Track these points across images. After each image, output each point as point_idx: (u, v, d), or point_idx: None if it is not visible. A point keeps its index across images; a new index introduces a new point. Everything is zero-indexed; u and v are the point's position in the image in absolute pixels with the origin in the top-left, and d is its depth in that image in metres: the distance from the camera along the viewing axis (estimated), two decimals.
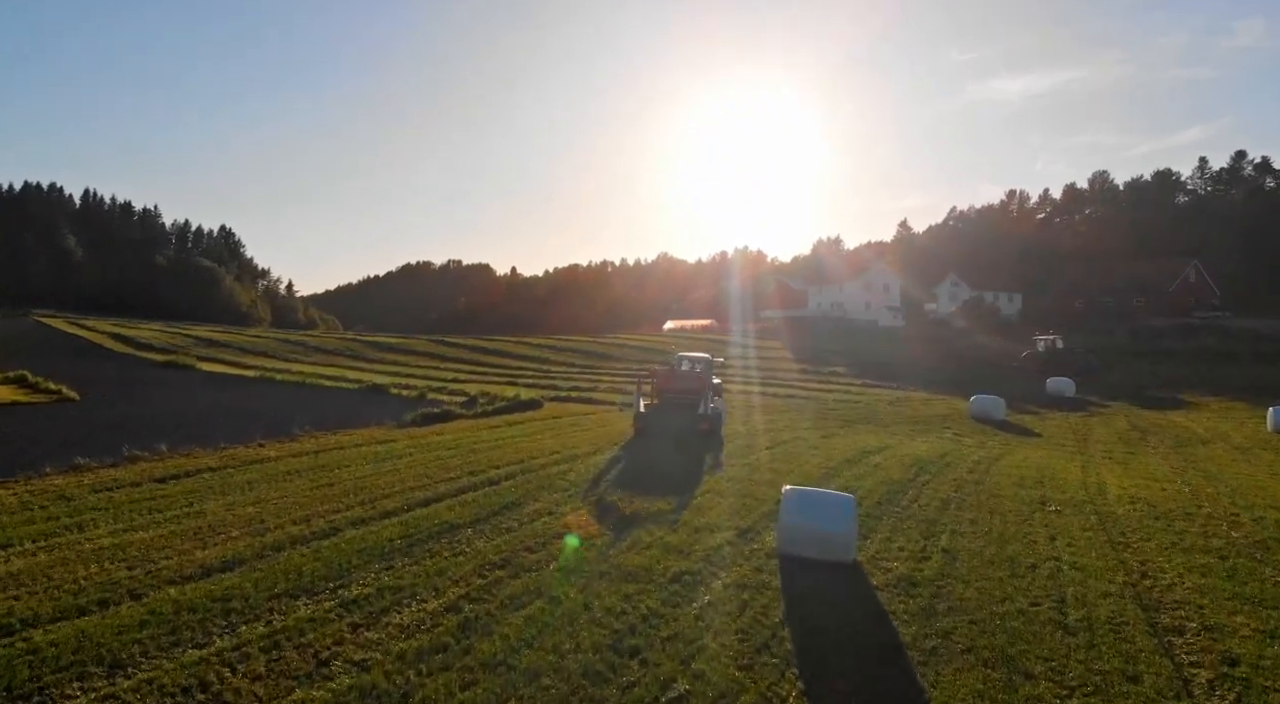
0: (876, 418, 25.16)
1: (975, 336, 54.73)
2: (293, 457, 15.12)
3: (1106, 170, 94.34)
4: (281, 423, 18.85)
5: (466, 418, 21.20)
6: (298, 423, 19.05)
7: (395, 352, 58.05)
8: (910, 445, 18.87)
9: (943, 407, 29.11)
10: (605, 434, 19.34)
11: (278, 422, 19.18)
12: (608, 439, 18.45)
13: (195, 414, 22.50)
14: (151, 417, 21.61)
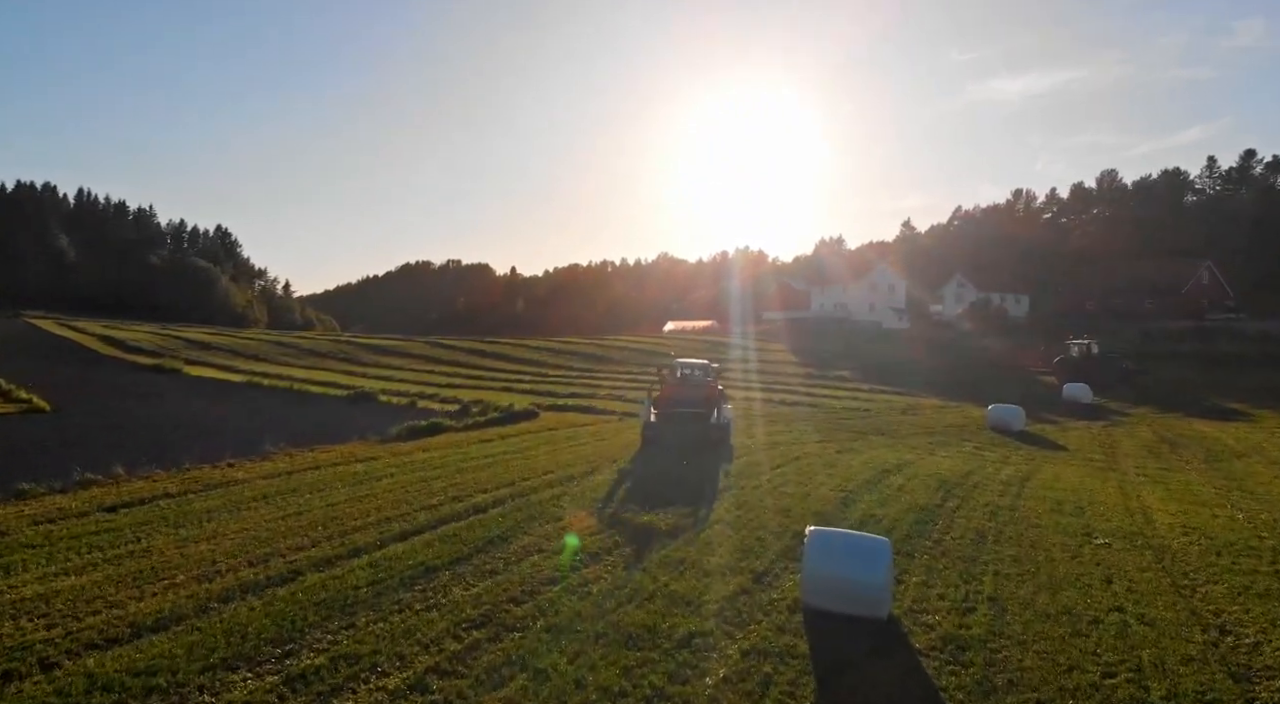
0: (889, 428, 23.91)
1: (984, 339, 53.45)
2: (263, 479, 13.87)
3: (1115, 169, 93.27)
4: (260, 436, 17.62)
5: (456, 430, 19.95)
6: (280, 435, 17.87)
7: (390, 354, 56.79)
8: (931, 462, 17.61)
9: (957, 415, 27.87)
10: (603, 450, 18.09)
11: (256, 435, 17.96)
12: (605, 455, 17.20)
13: (170, 426, 21.27)
14: (123, 429, 20.38)
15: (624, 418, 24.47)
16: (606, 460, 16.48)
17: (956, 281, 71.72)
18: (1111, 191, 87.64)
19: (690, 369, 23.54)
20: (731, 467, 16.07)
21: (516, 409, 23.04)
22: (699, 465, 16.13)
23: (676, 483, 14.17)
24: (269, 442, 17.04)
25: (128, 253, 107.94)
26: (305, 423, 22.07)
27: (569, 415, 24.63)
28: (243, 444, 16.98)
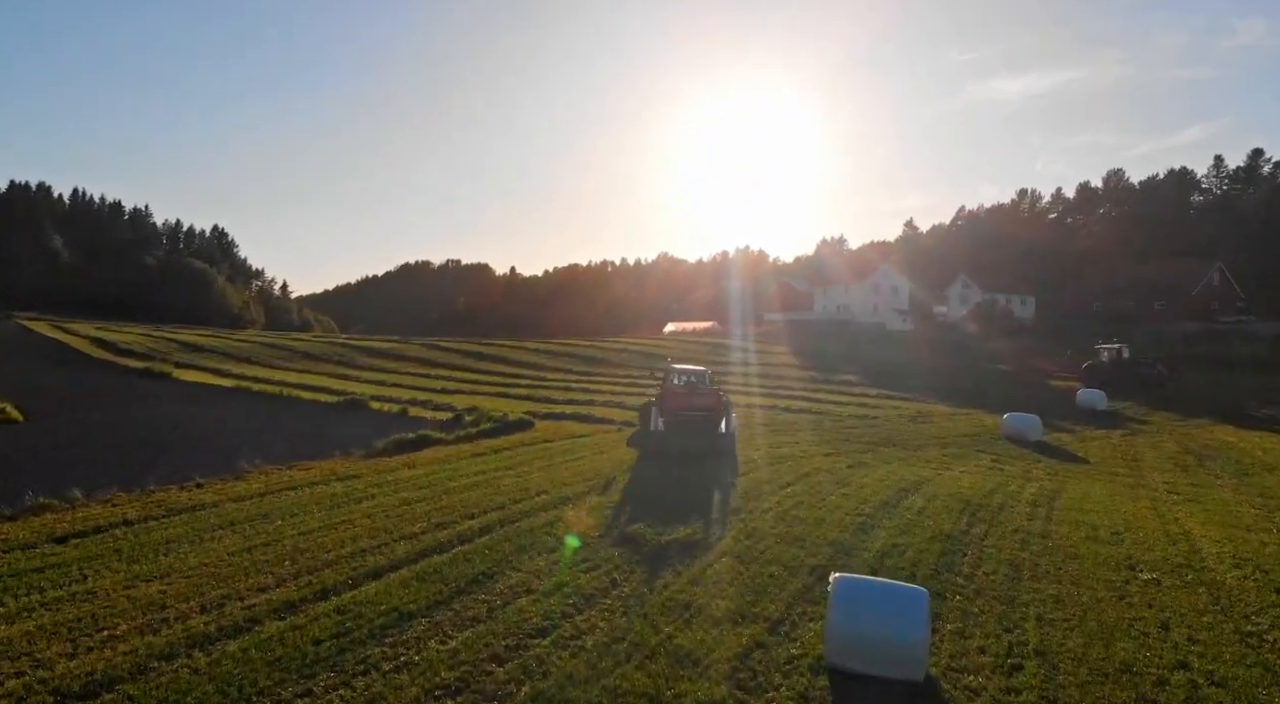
0: (900, 439, 22.89)
1: (990, 342, 52.40)
2: (233, 502, 12.85)
3: (1121, 168, 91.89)
4: (238, 450, 16.63)
5: (446, 443, 18.92)
6: (260, 448, 16.91)
7: (385, 357, 55.77)
8: (949, 479, 16.59)
9: (969, 424, 26.85)
10: (600, 465, 17.07)
11: (235, 448, 16.97)
12: (602, 471, 16.18)
13: (146, 438, 20.25)
14: (95, 442, 19.37)
15: (623, 428, 23.46)
16: (603, 478, 15.46)
17: (961, 282, 70.60)
18: (1118, 191, 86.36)
19: (687, 376, 22.71)
20: (737, 484, 15.05)
21: (510, 419, 22.01)
22: (702, 484, 15.13)
23: (679, 505, 13.16)
24: (247, 457, 16.04)
25: (123, 253, 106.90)
26: (289, 433, 21.05)
27: (566, 425, 23.60)
28: (219, 459, 15.97)
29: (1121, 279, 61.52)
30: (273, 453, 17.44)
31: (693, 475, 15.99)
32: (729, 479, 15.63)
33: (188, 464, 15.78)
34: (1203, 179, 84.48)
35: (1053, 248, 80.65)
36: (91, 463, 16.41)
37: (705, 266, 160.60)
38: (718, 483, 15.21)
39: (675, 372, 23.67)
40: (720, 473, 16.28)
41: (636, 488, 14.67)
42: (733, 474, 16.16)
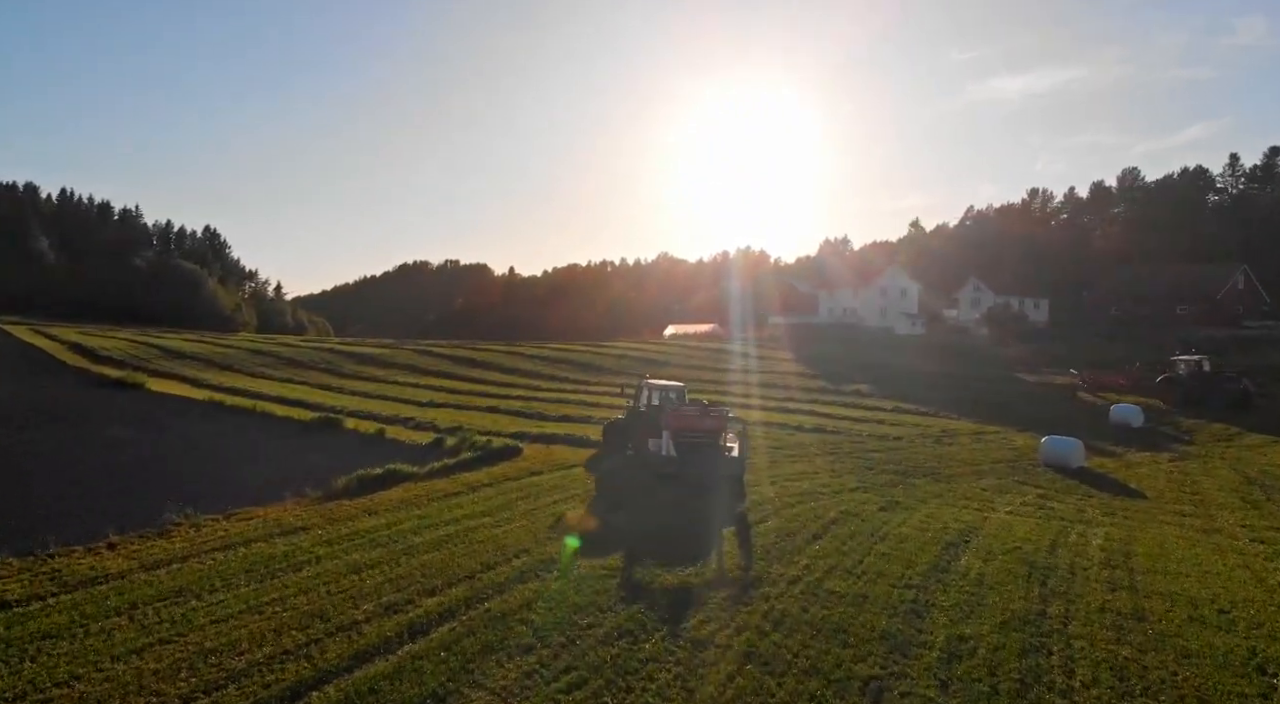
0: (929, 466, 20.62)
1: (1006, 348, 50.08)
2: (144, 572, 10.58)
3: (1136, 167, 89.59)
4: (181, 487, 14.46)
5: (419, 478, 16.63)
6: (211, 482, 14.80)
7: (374, 364, 53.46)
8: (999, 524, 14.31)
9: (1000, 445, 24.58)
10: (589, 510, 14.79)
11: (177, 486, 14.81)
12: (594, 520, 13.91)
13: (84, 471, 18.00)
14: (17, 476, 17.10)
15: (613, 452, 21.11)
16: (595, 528, 13.18)
17: (972, 285, 68.20)
18: (1133, 191, 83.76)
19: (663, 392, 20.86)
20: (753, 538, 12.76)
21: (495, 446, 19.69)
22: (708, 535, 12.84)
23: (682, 568, 10.91)
24: (189, 496, 13.85)
25: (112, 255, 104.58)
26: (245, 464, 18.81)
27: (556, 451, 21.32)
28: (153, 502, 13.73)
29: (1141, 283, 59.08)
30: (222, 490, 15.24)
31: (694, 521, 13.74)
32: (741, 528, 13.35)
33: (115, 510, 13.59)
34: (1218, 178, 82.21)
35: (1066, 249, 78.16)
36: (16, 504, 14.22)
37: (705, 267, 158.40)
38: (727, 534, 12.94)
39: (649, 388, 21.77)
40: (729, 517, 14.02)
41: (627, 538, 12.40)
42: (744, 520, 13.89)
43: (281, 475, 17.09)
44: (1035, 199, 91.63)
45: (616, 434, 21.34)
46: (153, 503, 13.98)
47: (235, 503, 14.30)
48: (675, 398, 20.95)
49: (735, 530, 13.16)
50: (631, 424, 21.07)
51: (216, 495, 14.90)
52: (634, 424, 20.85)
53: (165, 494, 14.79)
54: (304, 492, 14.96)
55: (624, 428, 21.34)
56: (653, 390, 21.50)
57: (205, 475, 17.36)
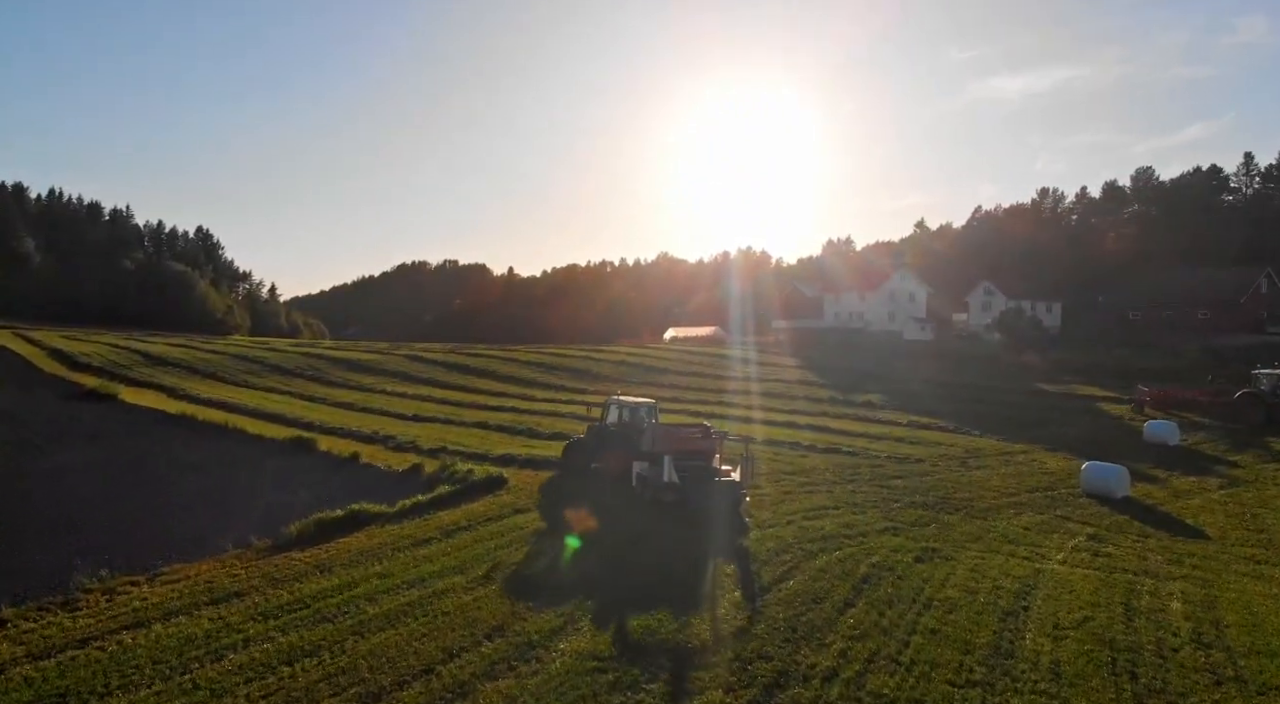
0: (961, 496, 18.59)
1: (1021, 355, 48.02)
2: (29, 661, 8.59)
3: (1151, 166, 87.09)
4: (111, 533, 12.48)
5: (387, 519, 14.60)
6: (155, 522, 13.01)
7: (363, 371, 51.44)
8: (1057, 579, 12.31)
9: (1031, 469, 22.56)
10: (585, 565, 12.78)
11: (106, 532, 12.82)
12: (585, 583, 11.90)
13: (18, 508, 15.98)
14: None
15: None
16: (584, 592, 11.16)
17: (984, 288, 65.98)
18: (1148, 191, 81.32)
19: (633, 410, 19.41)
20: (764, 608, 10.70)
21: (476, 477, 17.63)
22: (720, 598, 10.83)
23: (696, 663, 8.89)
24: (120, 544, 11.93)
25: (101, 257, 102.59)
26: (196, 500, 16.79)
27: (546, 478, 19.28)
28: (73, 554, 11.76)
29: (1159, 286, 56.85)
30: (161, 536, 13.28)
31: (696, 571, 11.75)
32: (758, 587, 11.34)
33: (22, 568, 11.61)
34: (1232, 177, 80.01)
35: (1078, 251, 75.82)
36: None
37: (706, 268, 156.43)
38: (736, 601, 10.92)
39: (617, 405, 20.07)
40: (736, 571, 12.03)
41: (618, 599, 10.39)
42: (759, 576, 11.87)
43: (233, 514, 15.10)
44: (1045, 199, 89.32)
45: (578, 454, 19.79)
46: (74, 554, 12.02)
47: (171, 554, 12.32)
48: (646, 415, 19.27)
49: (752, 591, 11.15)
50: (594, 443, 19.69)
51: (152, 543, 12.94)
52: (597, 443, 19.51)
53: (92, 543, 12.84)
54: (250, 540, 12.93)
55: (586, 447, 19.83)
56: (621, 408, 19.86)
57: (147, 515, 15.34)
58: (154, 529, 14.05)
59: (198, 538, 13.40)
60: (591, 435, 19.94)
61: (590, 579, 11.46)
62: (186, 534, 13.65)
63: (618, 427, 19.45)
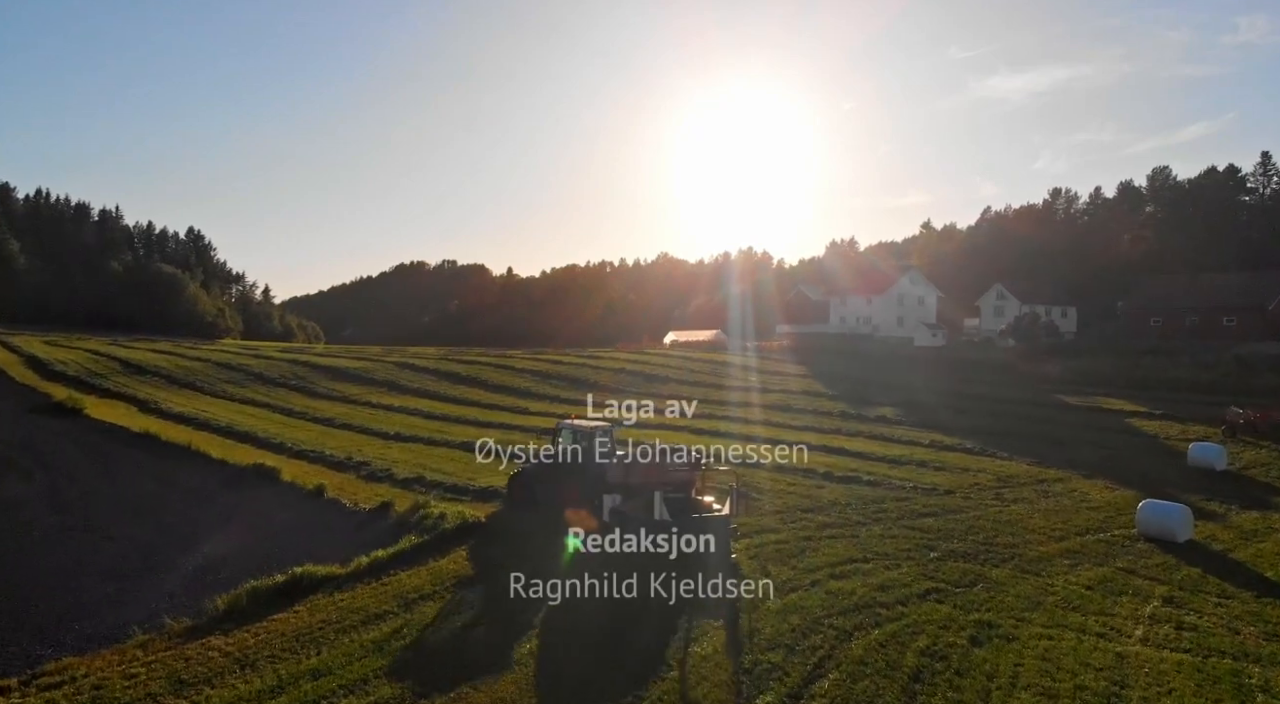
0: (1004, 540, 16.34)
1: (1040, 364, 45.69)
2: None
3: (1168, 166, 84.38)
4: (23, 601, 10.27)
5: (338, 584, 12.34)
6: (66, 586, 10.88)
7: (349, 380, 49.18)
8: (1144, 667, 10.05)
9: (1074, 502, 20.31)
10: (553, 640, 10.53)
11: (19, 595, 10.59)
12: (559, 668, 9.66)
13: None
14: None
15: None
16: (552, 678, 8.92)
17: (996, 292, 63.65)
18: (1165, 192, 78.70)
19: (589, 435, 17.48)
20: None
21: (449, 525, 15.30)
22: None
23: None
24: (3, 630, 9.66)
25: (89, 259, 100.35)
26: (126, 554, 14.55)
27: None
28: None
29: (1181, 291, 54.48)
30: (63, 612, 11.06)
31: (704, 670, 9.48)
32: (786, 697, 9.09)
33: None
34: (1249, 177, 77.59)
35: (1095, 254, 73.32)
36: None
37: (706, 268, 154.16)
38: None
39: (569, 430, 17.97)
40: (754, 663, 9.77)
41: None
42: (782, 679, 9.60)
43: (159, 574, 12.87)
44: (1057, 200, 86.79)
45: (526, 486, 17.83)
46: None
47: (66, 639, 10.10)
48: (604, 441, 17.32)
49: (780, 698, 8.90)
50: (544, 473, 17.66)
51: (52, 620, 10.72)
52: (547, 473, 17.52)
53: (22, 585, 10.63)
54: (164, 621, 10.67)
55: (535, 478, 17.81)
56: (575, 433, 17.84)
57: (58, 580, 13.05)
58: (61, 602, 11.82)
59: (114, 604, 11.20)
60: (540, 464, 18.07)
61: (561, 682, 9.18)
62: (97, 606, 11.43)
63: (571, 453, 17.58)
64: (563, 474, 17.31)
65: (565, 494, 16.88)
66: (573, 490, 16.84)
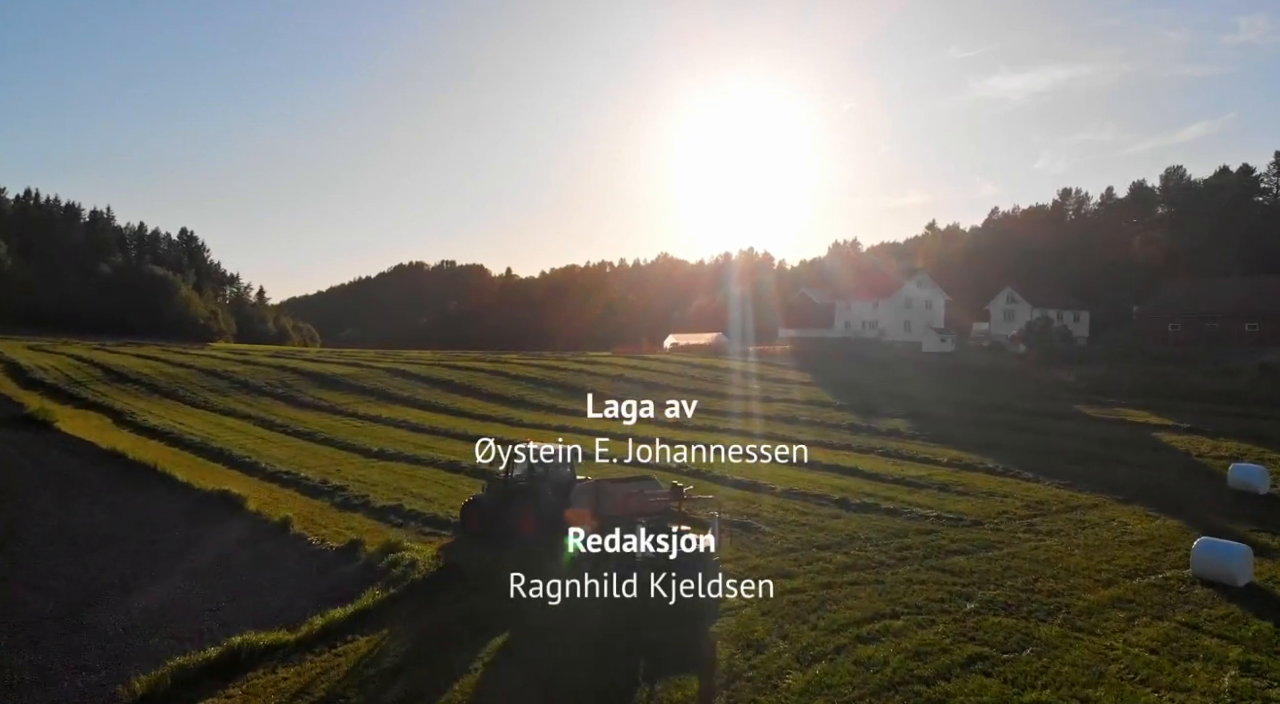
0: (1048, 586, 14.58)
1: (1057, 371, 43.91)
2: None
3: (1181, 166, 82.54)
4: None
5: (283, 656, 10.58)
6: None
7: (337, 388, 47.42)
8: None
9: (1114, 534, 18.54)
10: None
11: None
12: None
13: None
14: None
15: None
16: None
17: (1007, 296, 61.86)
18: (1179, 191, 76.83)
19: (546, 460, 16.06)
20: None
21: (419, 573, 13.49)
22: None
23: None
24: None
25: (79, 260, 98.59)
26: (53, 597, 12.78)
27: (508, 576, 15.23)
28: None
29: (1200, 295, 52.70)
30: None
31: None
32: None
33: None
34: (1263, 177, 75.85)
35: (1107, 256, 71.41)
36: None
37: (706, 268, 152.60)
38: None
39: (526, 454, 16.25)
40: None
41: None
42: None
43: (77, 641, 11.08)
44: (1068, 200, 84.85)
45: (479, 515, 16.53)
46: None
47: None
48: (562, 466, 16.26)
49: None
50: (499, 501, 16.29)
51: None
52: (500, 502, 16.17)
53: None
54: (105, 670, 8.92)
55: (489, 506, 16.48)
56: (532, 458, 16.30)
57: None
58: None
59: (7, 688, 9.40)
60: (490, 492, 16.81)
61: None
62: (39, 659, 9.65)
63: (527, 479, 16.28)
64: (519, 503, 15.94)
65: (521, 525, 15.60)
66: (528, 522, 15.52)
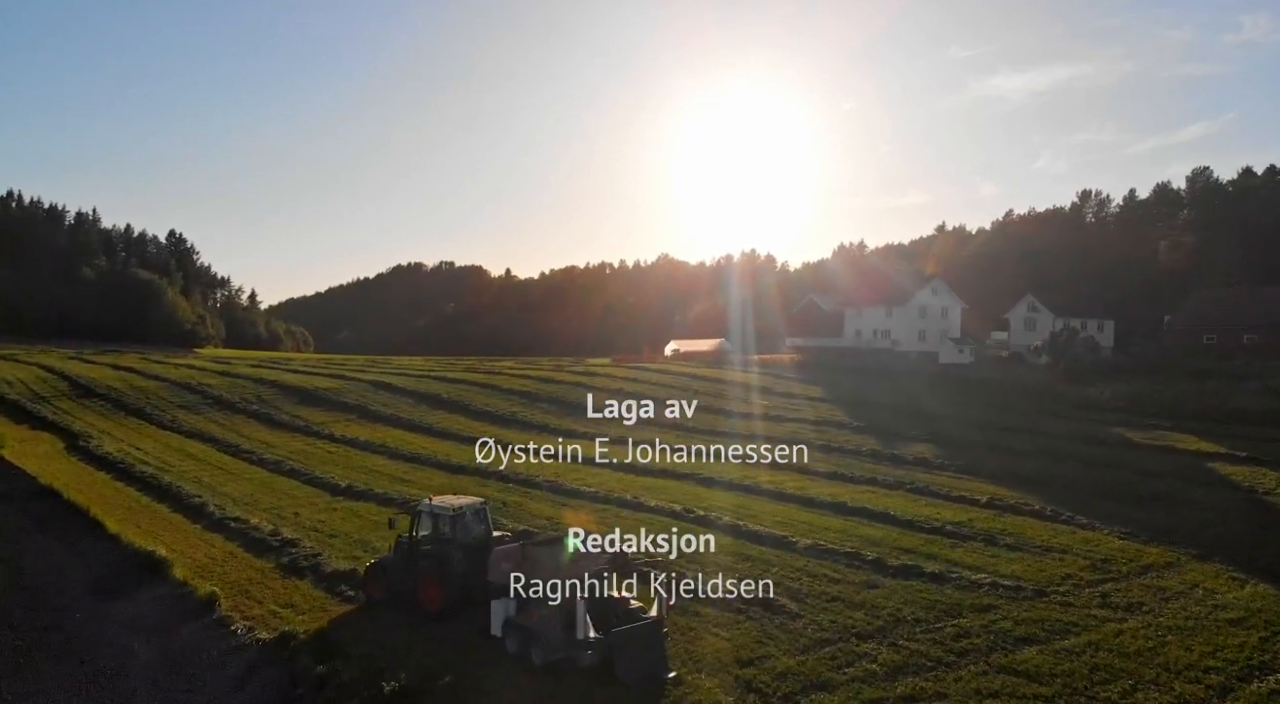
0: (1149, 696, 11.58)
1: (1086, 386, 40.91)
2: None
3: (1208, 167, 79.47)
4: None
5: None
6: None
7: (317, 405, 44.47)
8: None
9: (1201, 603, 15.53)
10: None
11: None
12: None
13: None
14: None
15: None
16: None
17: (1028, 304, 58.78)
18: (1205, 193, 73.45)
19: (453, 519, 14.07)
20: None
21: (366, 698, 10.58)
22: None
23: None
24: None
25: (61, 264, 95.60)
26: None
27: (485, 679, 12.20)
28: None
29: (1239, 304, 49.55)
30: None
31: None
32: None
33: None
34: None
35: (1132, 262, 68.23)
36: None
37: (707, 270, 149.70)
38: None
39: (429, 514, 14.46)
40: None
41: None
42: None
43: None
44: (1087, 203, 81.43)
45: (382, 581, 14.47)
46: None
47: None
48: (475, 524, 14.29)
49: None
50: (404, 564, 14.38)
51: None
52: (405, 567, 14.28)
53: None
54: None
55: (393, 571, 14.52)
56: (436, 517, 14.32)
57: None
58: None
59: None
60: (398, 552, 14.81)
61: None
62: None
63: (432, 542, 14.26)
64: (426, 568, 13.70)
65: (425, 597, 13.47)
66: (433, 593, 13.38)
